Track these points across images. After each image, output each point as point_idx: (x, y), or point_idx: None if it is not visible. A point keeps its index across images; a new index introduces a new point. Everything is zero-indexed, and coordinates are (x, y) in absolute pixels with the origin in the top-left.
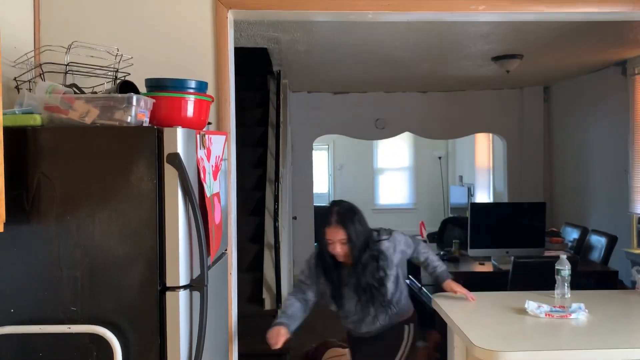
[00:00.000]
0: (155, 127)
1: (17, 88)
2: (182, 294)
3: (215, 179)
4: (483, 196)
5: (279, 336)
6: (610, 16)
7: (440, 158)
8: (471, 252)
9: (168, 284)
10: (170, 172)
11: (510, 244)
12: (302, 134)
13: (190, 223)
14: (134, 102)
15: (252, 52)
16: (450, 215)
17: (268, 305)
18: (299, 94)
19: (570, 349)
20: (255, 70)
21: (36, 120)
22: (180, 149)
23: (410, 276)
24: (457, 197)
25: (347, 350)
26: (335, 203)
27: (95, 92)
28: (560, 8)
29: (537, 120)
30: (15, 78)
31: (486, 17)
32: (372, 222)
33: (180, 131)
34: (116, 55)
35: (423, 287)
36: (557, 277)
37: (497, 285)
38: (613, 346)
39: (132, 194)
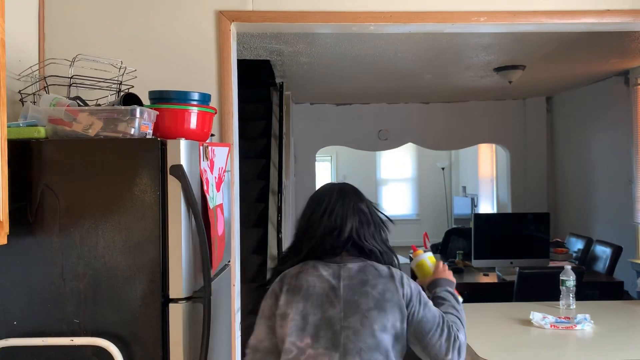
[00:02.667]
0: (158, 139)
1: (22, 101)
2: (185, 306)
3: (218, 190)
4: (486, 207)
5: None
6: (612, 27)
7: (443, 169)
8: (475, 263)
9: (171, 296)
10: (173, 184)
11: (514, 255)
12: (304, 145)
13: (193, 235)
14: (138, 114)
15: (254, 64)
16: (454, 226)
17: None
18: (302, 106)
19: None
20: (258, 82)
21: (40, 132)
22: (183, 161)
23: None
24: (461, 207)
25: None
26: None
27: (99, 105)
28: (562, 19)
29: (540, 131)
30: (19, 91)
31: (487, 28)
32: None
33: (183, 143)
34: (120, 68)
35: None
36: (562, 288)
37: (502, 296)
38: (619, 358)
39: (135, 206)
